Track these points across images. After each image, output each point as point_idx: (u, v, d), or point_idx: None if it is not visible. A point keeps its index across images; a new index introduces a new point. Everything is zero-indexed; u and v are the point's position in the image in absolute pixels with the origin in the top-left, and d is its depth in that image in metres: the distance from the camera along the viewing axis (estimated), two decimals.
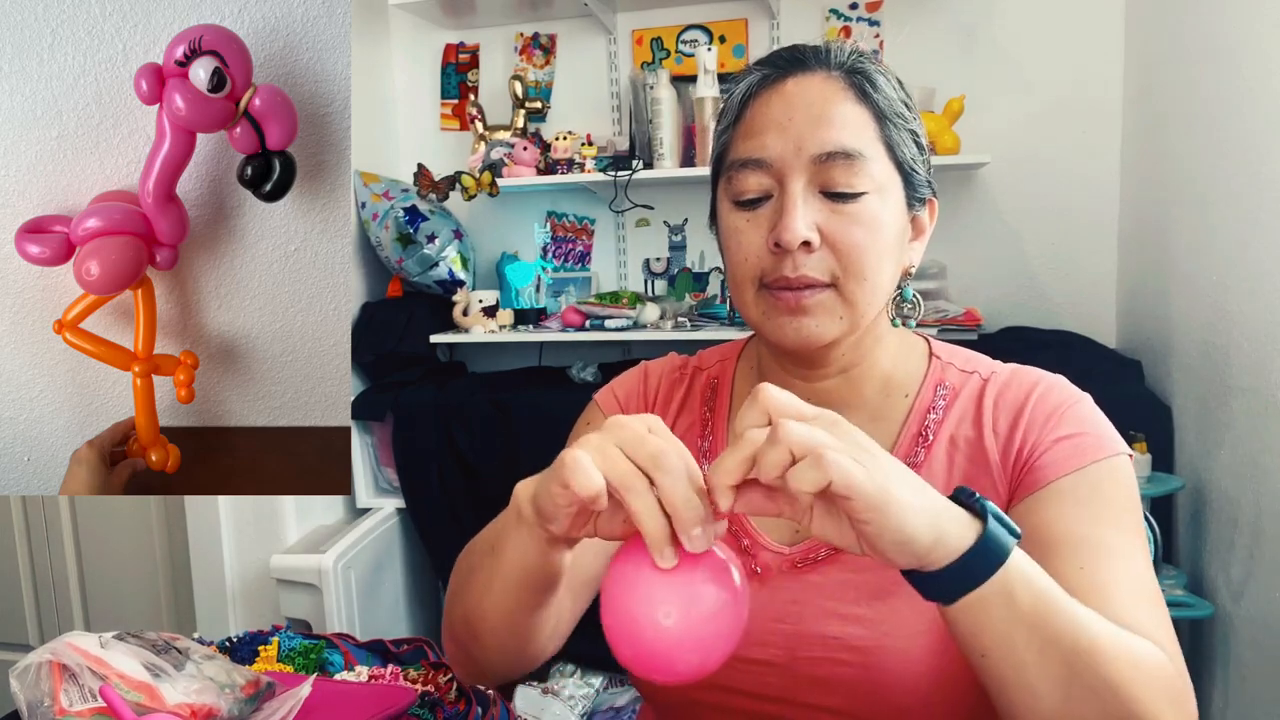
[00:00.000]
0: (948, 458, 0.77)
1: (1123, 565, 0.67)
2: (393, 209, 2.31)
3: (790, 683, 0.74)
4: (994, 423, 0.76)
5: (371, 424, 2.32)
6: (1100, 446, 0.72)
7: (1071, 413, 0.75)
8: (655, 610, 0.51)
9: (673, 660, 0.52)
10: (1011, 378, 0.79)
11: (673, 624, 0.51)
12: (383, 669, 1.15)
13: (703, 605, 0.51)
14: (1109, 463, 0.72)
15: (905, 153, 0.75)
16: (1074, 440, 0.73)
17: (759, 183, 0.74)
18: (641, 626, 0.51)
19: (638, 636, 0.52)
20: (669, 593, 0.51)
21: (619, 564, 0.54)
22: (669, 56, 2.42)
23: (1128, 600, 0.65)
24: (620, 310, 2.27)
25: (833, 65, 0.75)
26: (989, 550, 0.54)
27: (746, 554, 0.78)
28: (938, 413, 0.79)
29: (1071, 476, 0.71)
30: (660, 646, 0.51)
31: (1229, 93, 1.65)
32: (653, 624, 0.51)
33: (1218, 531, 1.70)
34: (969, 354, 0.84)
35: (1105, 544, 0.68)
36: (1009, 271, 2.28)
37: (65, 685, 0.83)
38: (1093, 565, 0.67)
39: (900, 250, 0.77)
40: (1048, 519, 0.70)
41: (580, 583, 0.78)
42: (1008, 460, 0.75)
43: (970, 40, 2.25)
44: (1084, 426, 0.74)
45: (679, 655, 0.52)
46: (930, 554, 0.53)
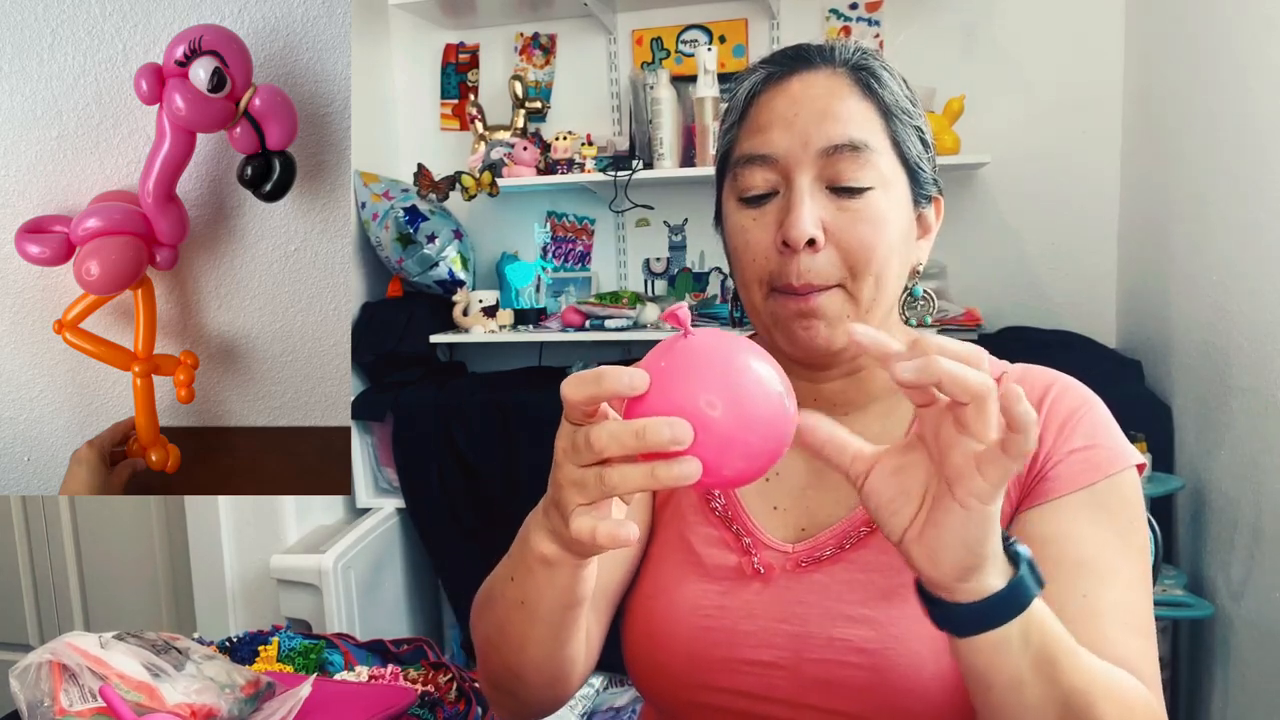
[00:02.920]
0: None
1: (1120, 594, 0.68)
2: (393, 209, 2.31)
3: (795, 685, 0.74)
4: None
5: (371, 424, 2.32)
6: (1113, 460, 0.72)
7: (1086, 421, 0.74)
8: (699, 399, 0.48)
9: (722, 460, 0.48)
10: (1024, 378, 0.78)
11: (719, 415, 0.48)
12: (383, 669, 1.16)
13: (751, 402, 0.48)
14: (1119, 477, 0.71)
15: (911, 149, 0.75)
16: (1088, 453, 0.72)
17: (765, 178, 0.73)
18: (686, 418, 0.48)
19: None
20: (719, 384, 0.48)
21: (659, 356, 0.51)
22: (669, 56, 2.42)
23: (1120, 633, 0.66)
24: (620, 310, 2.27)
25: (838, 62, 0.75)
26: (1017, 595, 0.54)
27: (747, 552, 0.78)
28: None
29: (1082, 493, 0.71)
30: (709, 440, 0.48)
31: (1229, 93, 1.65)
32: (698, 414, 0.47)
33: (1218, 531, 1.70)
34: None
35: (1108, 569, 0.68)
36: (1009, 271, 2.28)
37: (65, 685, 0.83)
38: (1094, 593, 0.67)
39: (907, 248, 0.76)
40: (1055, 534, 0.70)
41: (602, 598, 0.78)
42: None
43: (970, 40, 2.25)
44: (1097, 438, 0.73)
45: (726, 454, 0.48)
46: (975, 572, 0.53)
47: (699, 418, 0.48)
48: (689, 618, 0.77)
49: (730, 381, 0.48)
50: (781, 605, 0.75)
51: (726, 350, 0.50)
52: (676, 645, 0.77)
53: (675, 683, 0.77)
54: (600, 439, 0.49)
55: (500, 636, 0.70)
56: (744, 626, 0.76)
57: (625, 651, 0.82)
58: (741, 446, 0.48)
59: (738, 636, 0.76)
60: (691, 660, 0.76)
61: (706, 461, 0.48)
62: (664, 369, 0.50)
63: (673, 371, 0.49)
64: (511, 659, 0.70)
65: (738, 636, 0.76)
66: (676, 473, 0.48)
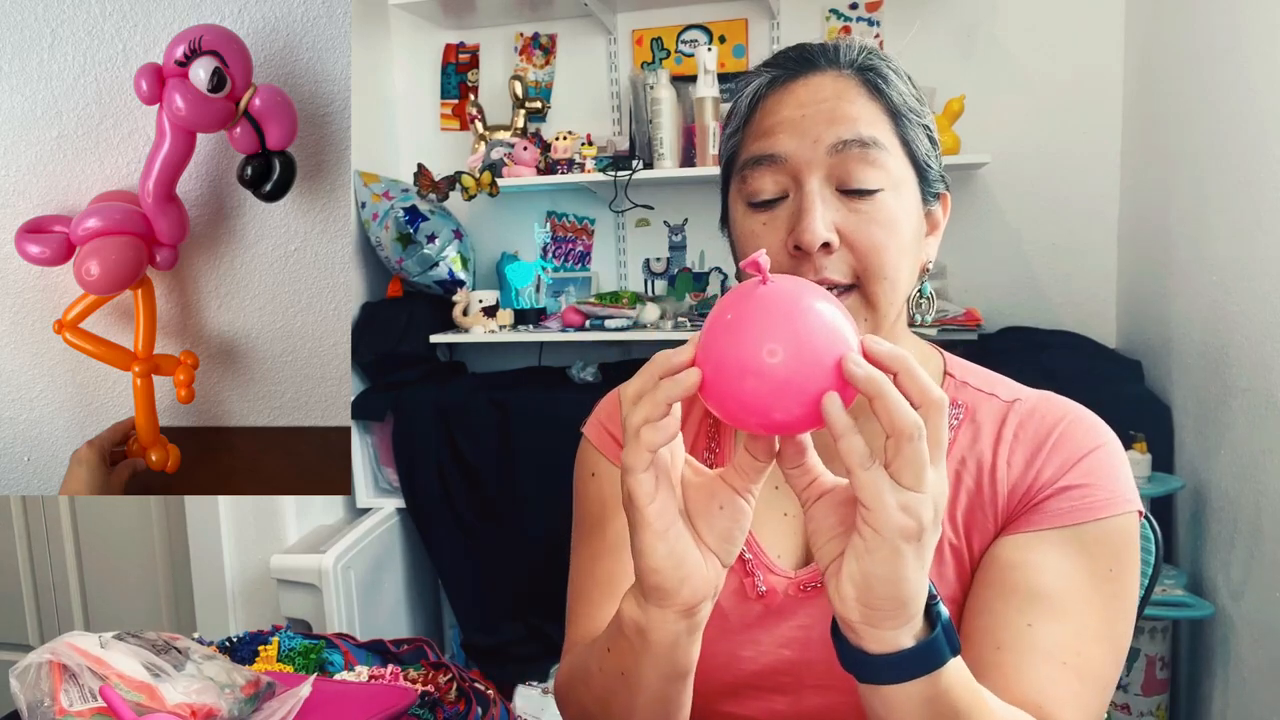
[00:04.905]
0: (955, 477, 0.74)
1: (1068, 637, 0.66)
2: (393, 209, 2.31)
3: (797, 712, 0.73)
4: (1010, 453, 0.74)
5: (371, 424, 2.32)
6: (1108, 504, 0.70)
7: (1088, 460, 0.72)
8: (760, 348, 0.48)
9: (771, 407, 0.49)
10: (1038, 406, 0.76)
11: (779, 362, 0.48)
12: (383, 669, 1.16)
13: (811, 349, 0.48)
14: (1111, 523, 0.69)
15: (920, 148, 0.74)
16: (1081, 492, 0.70)
17: (775, 181, 0.72)
18: (745, 365, 0.48)
19: (739, 379, 0.49)
20: (778, 331, 0.48)
21: (720, 313, 0.51)
22: (669, 56, 2.42)
23: (1054, 673, 0.64)
24: (620, 310, 2.27)
25: (843, 63, 0.74)
26: (924, 657, 0.52)
27: (750, 574, 0.76)
28: (949, 431, 0.78)
29: (1065, 530, 0.69)
30: (764, 388, 0.48)
31: (1230, 93, 1.65)
32: (757, 362, 0.48)
33: (1218, 531, 1.70)
34: (988, 374, 0.81)
35: (1064, 608, 0.66)
36: (1009, 271, 2.29)
37: (65, 685, 0.83)
38: (1040, 627, 0.65)
39: (918, 247, 0.75)
40: (1021, 561, 0.68)
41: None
42: (1015, 493, 0.72)
43: (970, 40, 2.25)
44: (1095, 478, 0.71)
45: (782, 398, 0.48)
46: (885, 619, 0.51)
47: (758, 365, 0.48)
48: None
49: (793, 328, 0.48)
50: (784, 630, 0.74)
51: (794, 296, 0.50)
52: None
53: None
54: (629, 400, 0.52)
55: (602, 711, 0.68)
56: (746, 652, 0.75)
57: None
58: (797, 393, 0.48)
59: (740, 662, 0.75)
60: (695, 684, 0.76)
61: (760, 406, 0.49)
62: (730, 321, 0.50)
63: (739, 321, 0.50)
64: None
65: (740, 662, 0.75)
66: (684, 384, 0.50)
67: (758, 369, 0.48)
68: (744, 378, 0.48)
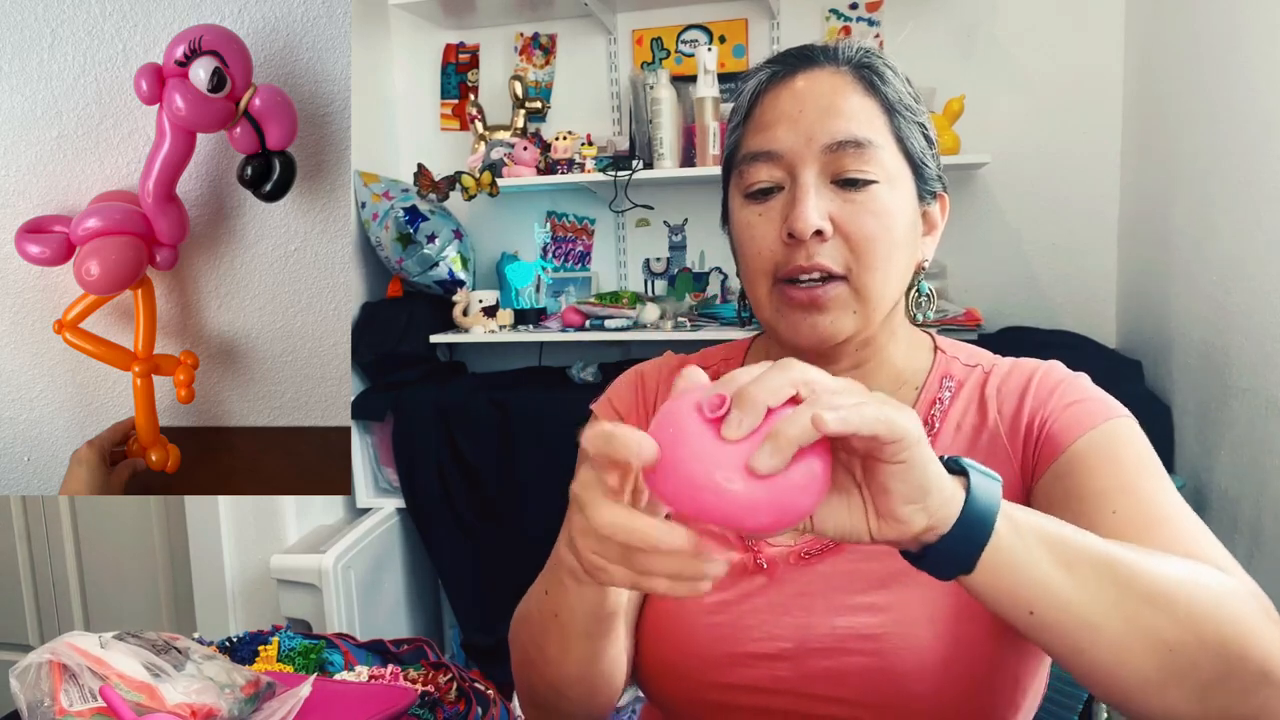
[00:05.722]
0: (953, 444, 0.78)
1: (1160, 503, 0.67)
2: (393, 209, 2.31)
3: (800, 677, 0.74)
4: (999, 407, 0.77)
5: (371, 424, 2.32)
6: (1107, 409, 0.74)
7: (1074, 384, 0.77)
8: (716, 474, 0.44)
9: (743, 520, 0.45)
10: (1013, 367, 0.81)
11: (739, 488, 0.44)
12: (383, 669, 1.16)
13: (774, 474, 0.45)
14: (1118, 422, 0.73)
15: (914, 145, 0.76)
16: (1082, 404, 0.74)
17: (770, 174, 0.74)
18: (702, 489, 0.45)
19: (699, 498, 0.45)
20: (732, 457, 0.45)
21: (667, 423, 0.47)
22: (669, 56, 2.42)
23: (1162, 530, 0.64)
24: (620, 310, 2.27)
25: (841, 60, 0.76)
26: (981, 501, 0.52)
27: (749, 548, 0.78)
28: (943, 403, 0.79)
29: (1086, 437, 0.72)
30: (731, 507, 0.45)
31: (1230, 92, 1.65)
32: (715, 487, 0.44)
33: (1218, 531, 1.68)
34: (972, 349, 0.85)
35: (1135, 488, 0.68)
36: (1009, 271, 2.28)
37: (65, 685, 0.83)
38: (1123, 507, 0.66)
39: (912, 243, 0.77)
40: (1076, 481, 0.70)
41: (634, 609, 0.79)
42: (1017, 437, 0.75)
43: (970, 40, 2.25)
44: (1088, 394, 0.76)
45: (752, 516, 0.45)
46: (940, 511, 0.50)
47: (715, 490, 0.45)
48: (695, 616, 0.77)
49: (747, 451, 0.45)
50: (784, 598, 0.76)
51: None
52: (684, 644, 0.77)
53: (683, 682, 0.78)
54: (602, 521, 0.48)
55: (538, 652, 0.71)
56: (748, 621, 0.76)
57: (631, 653, 0.82)
58: (768, 509, 0.45)
59: (742, 631, 0.76)
60: (699, 658, 0.76)
61: (731, 522, 0.46)
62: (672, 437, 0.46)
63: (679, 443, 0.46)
64: (550, 673, 0.71)
65: (742, 631, 0.76)
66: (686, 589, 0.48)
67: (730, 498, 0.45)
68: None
